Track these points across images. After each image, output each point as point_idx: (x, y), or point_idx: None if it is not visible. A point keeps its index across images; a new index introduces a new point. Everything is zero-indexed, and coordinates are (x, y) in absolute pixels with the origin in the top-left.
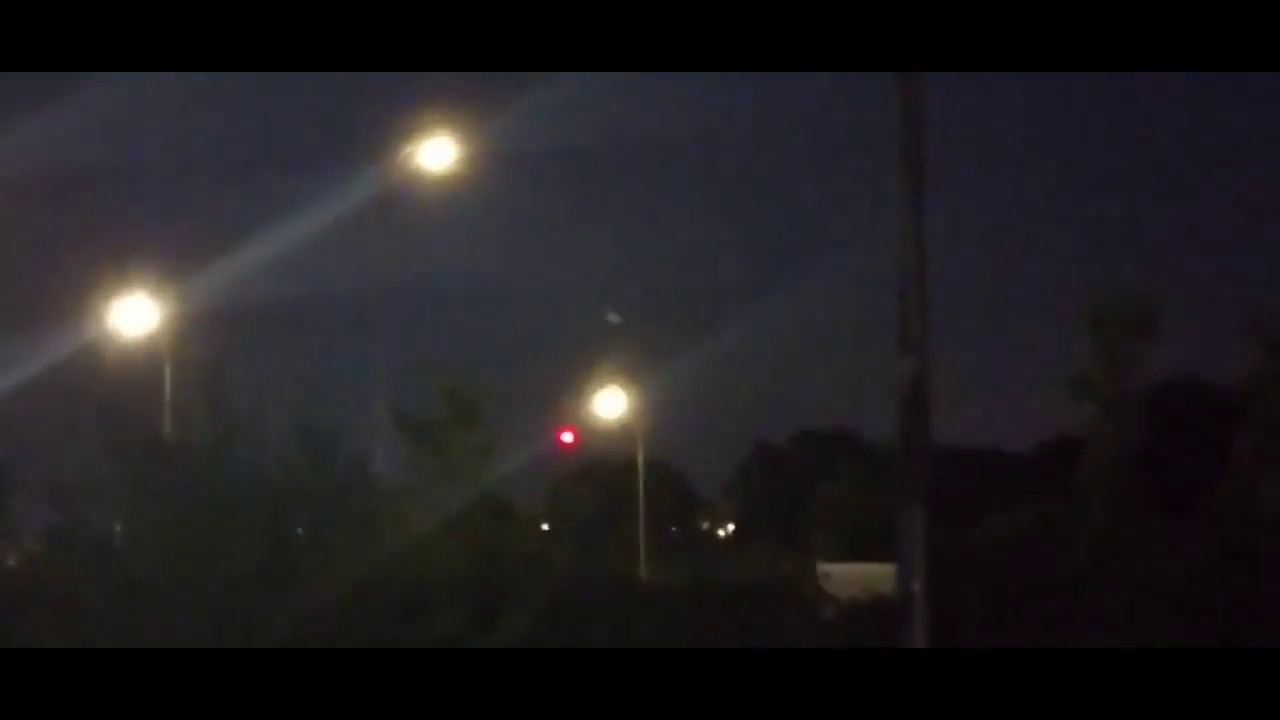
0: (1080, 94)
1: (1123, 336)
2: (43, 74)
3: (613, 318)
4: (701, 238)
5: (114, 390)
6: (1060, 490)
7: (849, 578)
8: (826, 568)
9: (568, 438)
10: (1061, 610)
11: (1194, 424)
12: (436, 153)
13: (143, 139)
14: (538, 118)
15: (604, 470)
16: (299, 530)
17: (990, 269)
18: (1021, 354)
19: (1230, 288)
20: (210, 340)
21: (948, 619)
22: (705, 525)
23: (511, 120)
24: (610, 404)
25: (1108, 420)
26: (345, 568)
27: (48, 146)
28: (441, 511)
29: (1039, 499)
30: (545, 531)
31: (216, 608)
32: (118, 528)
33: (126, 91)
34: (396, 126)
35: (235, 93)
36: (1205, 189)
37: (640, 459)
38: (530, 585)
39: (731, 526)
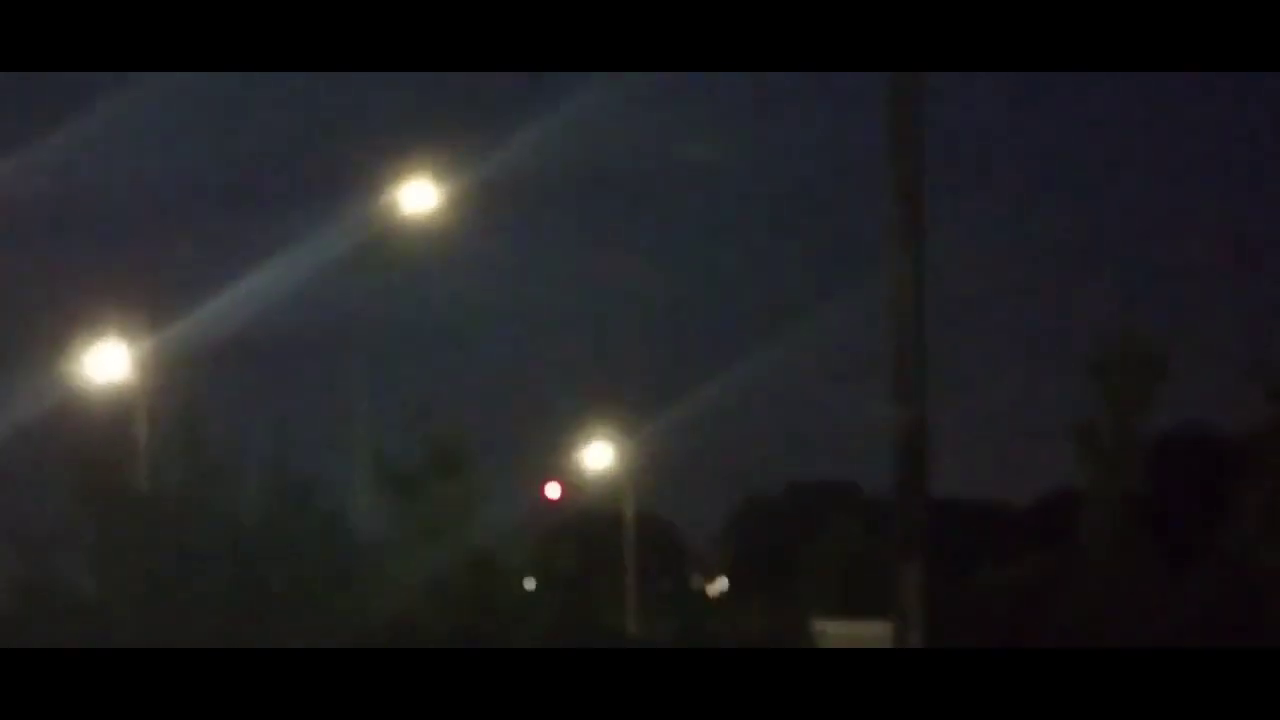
0: (1086, 134)
1: (1128, 384)
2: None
3: None
4: (689, 287)
5: (85, 438)
6: (1063, 542)
7: (846, 636)
8: (822, 625)
9: (554, 491)
10: None
11: (1199, 475)
12: (417, 195)
13: (113, 182)
14: (522, 157)
15: (591, 523)
16: (275, 582)
17: (990, 314)
18: (1023, 402)
19: (1237, 336)
20: (184, 386)
21: None
22: (696, 579)
23: (493, 161)
24: (598, 456)
25: (1111, 470)
26: (322, 621)
27: (12, 189)
28: (423, 565)
29: (1041, 551)
30: (530, 587)
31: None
32: (90, 579)
33: (96, 132)
34: (377, 168)
35: (210, 131)
36: (1213, 231)
37: (629, 512)
38: (515, 642)
39: (723, 581)
